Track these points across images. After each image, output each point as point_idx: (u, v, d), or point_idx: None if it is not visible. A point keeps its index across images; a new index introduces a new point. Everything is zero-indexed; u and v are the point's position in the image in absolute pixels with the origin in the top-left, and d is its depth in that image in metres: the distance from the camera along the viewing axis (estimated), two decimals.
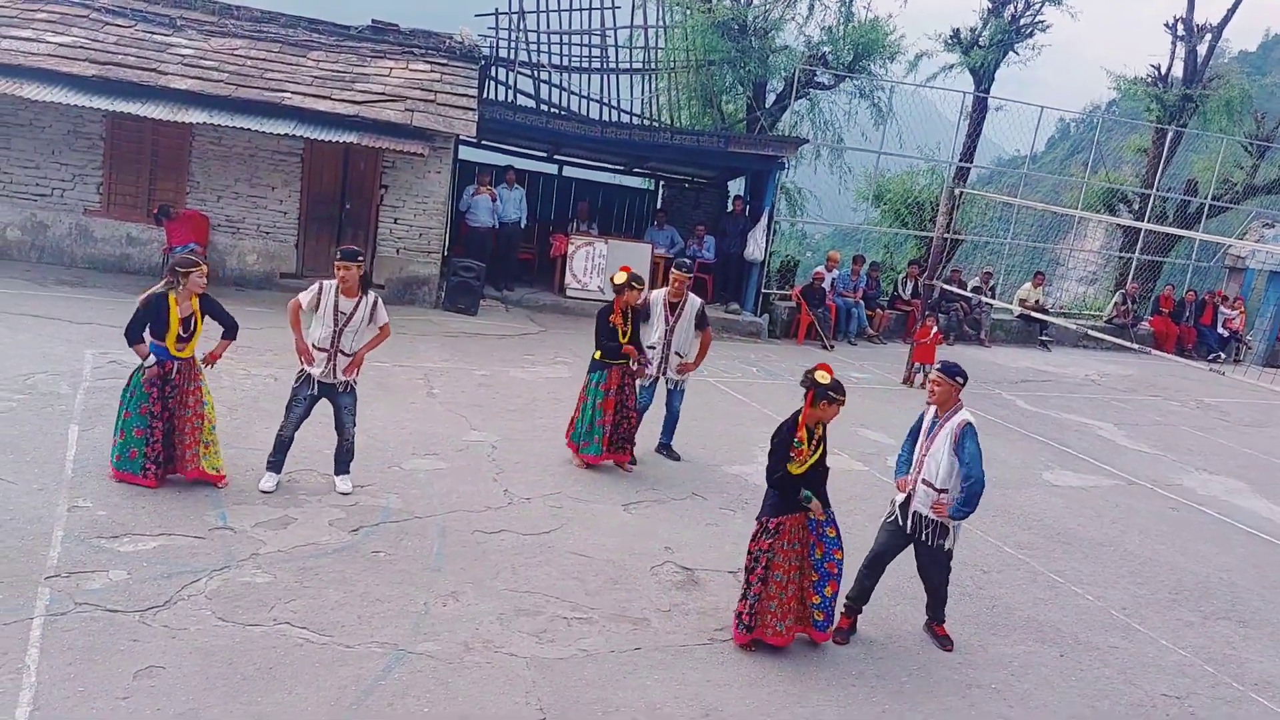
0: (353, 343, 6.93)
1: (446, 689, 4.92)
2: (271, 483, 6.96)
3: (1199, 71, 21.46)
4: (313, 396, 6.98)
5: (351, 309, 6.86)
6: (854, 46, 18.22)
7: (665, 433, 9.11)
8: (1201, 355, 19.44)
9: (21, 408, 7.80)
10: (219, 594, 5.50)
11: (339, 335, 6.84)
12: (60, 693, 4.46)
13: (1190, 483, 10.77)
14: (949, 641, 6.15)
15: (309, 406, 7.02)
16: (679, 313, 8.74)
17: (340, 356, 6.90)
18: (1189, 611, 7.27)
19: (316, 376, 6.89)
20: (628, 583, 6.37)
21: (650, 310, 8.70)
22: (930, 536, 5.94)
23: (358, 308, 6.88)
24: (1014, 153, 23.43)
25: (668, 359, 8.80)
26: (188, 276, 6.63)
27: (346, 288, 6.83)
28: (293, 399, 6.98)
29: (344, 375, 6.95)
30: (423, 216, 14.24)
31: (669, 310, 8.71)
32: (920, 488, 5.88)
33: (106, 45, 12.80)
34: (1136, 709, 5.76)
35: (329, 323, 6.83)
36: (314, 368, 6.88)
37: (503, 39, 16.58)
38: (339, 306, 6.83)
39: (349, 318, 6.85)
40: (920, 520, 5.93)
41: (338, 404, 7.03)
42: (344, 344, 6.88)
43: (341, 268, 6.77)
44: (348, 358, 6.93)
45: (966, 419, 5.81)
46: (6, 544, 5.67)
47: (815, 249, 23.13)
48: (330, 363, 6.89)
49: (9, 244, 13.13)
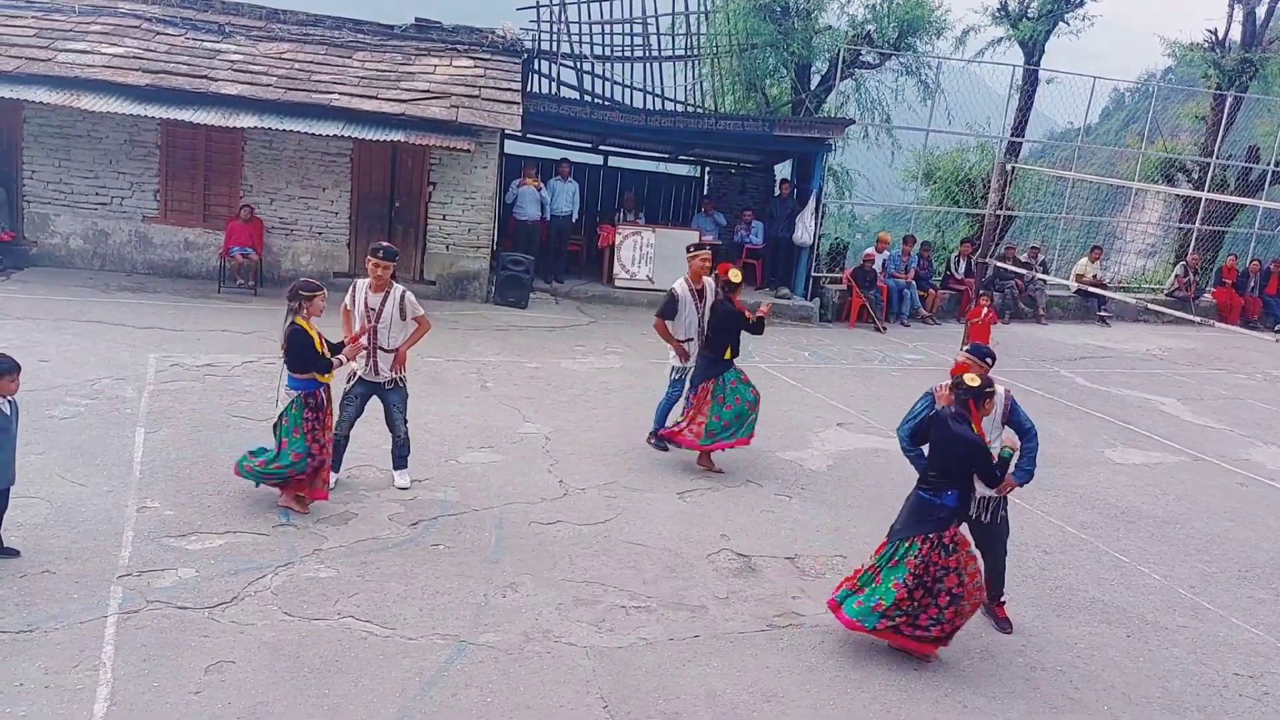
0: (389, 338, 6.98)
1: (508, 679, 4.98)
2: (330, 480, 7.06)
3: (1258, 34, 20.79)
4: (362, 394, 7.09)
5: (380, 304, 6.92)
6: (899, 24, 17.96)
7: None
8: (1268, 326, 18.88)
9: (89, 412, 8.02)
10: (284, 589, 5.61)
11: (372, 332, 6.92)
12: (135, 688, 4.59)
13: (1259, 457, 10.50)
14: (1009, 624, 6.08)
15: (360, 405, 7.12)
16: (704, 297, 8.34)
17: (380, 354, 6.97)
18: (1260, 589, 7.10)
19: (360, 374, 7.00)
20: (685, 571, 6.38)
21: (680, 305, 8.27)
22: (990, 513, 5.90)
23: (385, 302, 6.93)
24: (1067, 125, 22.93)
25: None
26: (312, 300, 6.48)
27: (376, 284, 6.92)
28: (344, 398, 7.08)
29: (390, 372, 7.03)
30: (471, 212, 14.34)
31: (696, 298, 8.32)
32: None
33: (158, 54, 13.06)
34: (1209, 689, 5.64)
35: (361, 320, 6.94)
36: (357, 365, 6.98)
37: (544, 31, 16.61)
38: (368, 303, 6.92)
39: (378, 313, 6.92)
40: (980, 502, 5.87)
41: (387, 402, 7.12)
42: (381, 340, 6.94)
43: (373, 264, 6.84)
44: (389, 354, 6.99)
45: (1007, 390, 5.91)
46: (80, 545, 5.84)
47: (865, 230, 22.89)
48: (371, 360, 6.96)
49: (72, 253, 13.48)
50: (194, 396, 8.70)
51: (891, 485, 8.33)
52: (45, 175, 13.32)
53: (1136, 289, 20.51)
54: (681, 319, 8.34)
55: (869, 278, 16.21)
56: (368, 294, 6.93)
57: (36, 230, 13.36)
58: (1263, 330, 17.68)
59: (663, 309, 8.36)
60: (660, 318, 8.36)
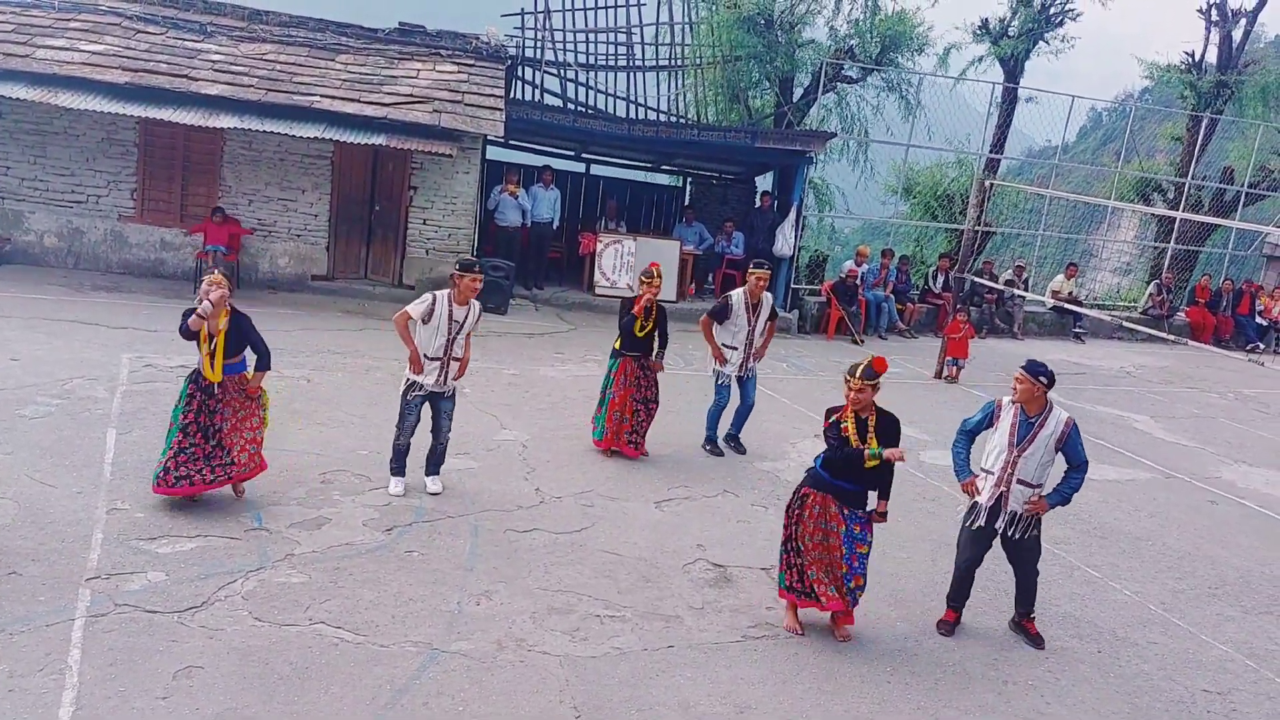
0: (461, 349, 7.16)
1: (480, 688, 4.95)
2: (400, 487, 7.23)
3: (1234, 57, 21.07)
4: (420, 403, 7.17)
5: (464, 317, 7.07)
6: (881, 39, 18.09)
7: (736, 424, 9.20)
8: (1239, 346, 19.12)
9: (60, 412, 7.92)
10: (255, 594, 5.55)
11: (451, 343, 7.04)
12: (101, 693, 4.52)
13: (1230, 475, 10.61)
14: (1041, 640, 6.14)
15: (419, 414, 7.21)
16: (758, 312, 8.83)
17: (452, 363, 7.11)
18: (1230, 606, 7.16)
19: (430, 386, 7.09)
20: (660, 580, 6.37)
21: (731, 311, 8.75)
22: (1025, 531, 5.96)
23: (468, 315, 7.10)
24: (1045, 143, 23.15)
25: (749, 357, 8.91)
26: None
27: (462, 298, 7.02)
28: (405, 409, 7.15)
29: (454, 381, 7.20)
30: (451, 217, 14.30)
31: (750, 311, 8.78)
32: (1016, 488, 5.87)
33: (139, 52, 12.96)
34: (1177, 705, 5.68)
35: (444, 331, 7.00)
36: (425, 377, 7.06)
37: (529, 38, 16.63)
38: (453, 315, 7.02)
39: (461, 325, 7.06)
40: (1015, 519, 5.92)
41: (439, 408, 7.24)
42: (456, 351, 7.10)
43: (473, 279, 7.00)
44: (457, 363, 7.15)
45: (1070, 417, 5.92)
46: (48, 546, 5.76)
47: (844, 243, 22.96)
48: (443, 371, 7.08)
49: (46, 250, 13.33)
50: (167, 398, 8.56)
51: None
52: (20, 172, 13.18)
53: (1111, 306, 20.71)
54: (729, 326, 8.78)
55: (849, 292, 16.29)
56: (452, 306, 7.02)
57: (10, 227, 13.21)
58: (1235, 350, 17.89)
59: (714, 310, 8.86)
60: (709, 317, 8.84)
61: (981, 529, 6.00)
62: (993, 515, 5.96)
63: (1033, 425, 5.82)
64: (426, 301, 7.01)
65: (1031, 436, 5.81)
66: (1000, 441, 5.90)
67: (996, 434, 5.94)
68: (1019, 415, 5.86)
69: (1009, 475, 5.84)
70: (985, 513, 5.97)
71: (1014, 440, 5.83)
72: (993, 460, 5.92)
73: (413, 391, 7.14)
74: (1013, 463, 5.83)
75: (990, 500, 5.92)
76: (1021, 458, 5.82)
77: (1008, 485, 5.86)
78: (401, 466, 7.28)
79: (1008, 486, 5.87)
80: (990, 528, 5.99)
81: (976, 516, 6.01)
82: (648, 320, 8.45)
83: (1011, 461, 5.83)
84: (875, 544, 5.91)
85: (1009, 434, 5.85)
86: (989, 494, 5.93)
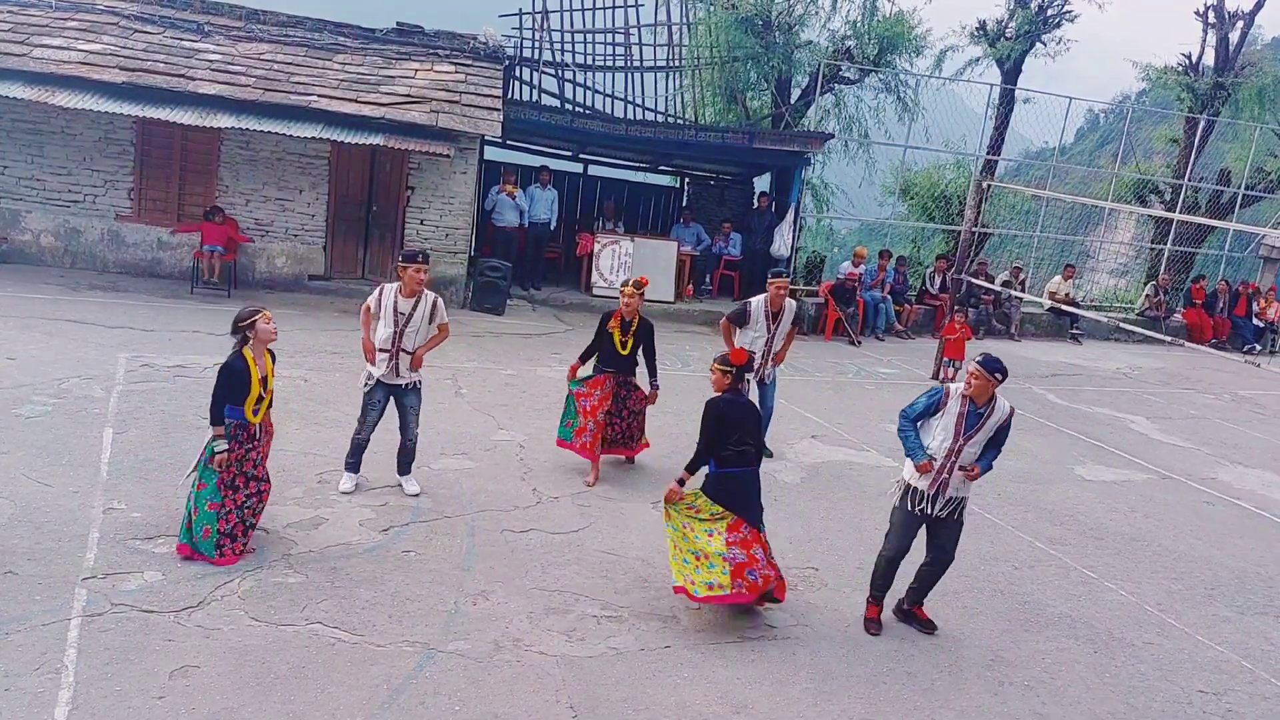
0: (414, 341, 7.09)
1: (477, 688, 4.95)
2: (350, 484, 7.15)
3: (1231, 59, 21.12)
4: (383, 399, 7.13)
5: (411, 309, 7.02)
6: (879, 40, 18.11)
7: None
8: (1236, 347, 19.14)
9: (56, 412, 7.91)
10: (252, 594, 5.55)
11: (399, 335, 7.01)
12: (98, 692, 4.52)
13: (1226, 476, 10.63)
14: (933, 625, 6.20)
15: (382, 409, 7.18)
16: (779, 319, 8.84)
17: (402, 355, 7.06)
18: (1225, 606, 7.17)
19: (378, 376, 7.05)
20: (657, 581, 6.37)
21: (750, 318, 8.77)
22: (959, 511, 6.03)
23: (416, 307, 7.04)
24: (1042, 145, 23.19)
25: (767, 363, 8.92)
26: (253, 326, 5.92)
27: (408, 289, 6.99)
28: (367, 404, 7.12)
29: (409, 374, 7.12)
30: (449, 217, 14.29)
31: (770, 319, 8.79)
32: (957, 474, 5.91)
33: (136, 52, 12.94)
34: (1173, 705, 5.69)
35: (390, 323, 7.00)
36: (375, 368, 7.04)
37: (526, 38, 16.62)
38: (398, 307, 7.00)
39: (408, 318, 7.02)
40: (950, 501, 5.97)
41: (403, 405, 7.19)
42: (405, 343, 7.04)
43: (416, 270, 6.96)
44: (409, 356, 7.09)
45: (1012, 407, 5.99)
46: (44, 546, 5.76)
47: (842, 244, 22.97)
48: (392, 362, 7.04)
49: (43, 250, 13.31)
50: (164, 397, 8.61)
51: (864, 497, 8.37)
52: (17, 171, 13.15)
53: (1108, 308, 20.73)
54: (749, 332, 8.81)
55: (848, 295, 16.28)
56: (398, 299, 7.01)
57: (7, 227, 13.17)
58: (1231, 351, 17.92)
59: (733, 314, 8.91)
60: (728, 321, 8.88)
61: (916, 515, 6.03)
62: (932, 501, 5.99)
63: (981, 416, 5.86)
64: (376, 293, 7.08)
65: (979, 426, 5.86)
66: (946, 431, 5.90)
67: (941, 422, 5.93)
68: (968, 406, 5.88)
69: (952, 463, 5.89)
70: (926, 498, 5.99)
71: (961, 430, 5.86)
72: (936, 446, 5.93)
73: (368, 381, 7.11)
74: (958, 450, 5.87)
75: (932, 487, 5.95)
76: (968, 445, 5.87)
77: (949, 472, 5.91)
78: (356, 463, 7.20)
79: (949, 473, 5.91)
80: (923, 513, 6.00)
81: (918, 500, 6.01)
82: (627, 334, 8.03)
83: (957, 450, 5.87)
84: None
85: (956, 423, 5.87)
86: (931, 480, 5.95)
